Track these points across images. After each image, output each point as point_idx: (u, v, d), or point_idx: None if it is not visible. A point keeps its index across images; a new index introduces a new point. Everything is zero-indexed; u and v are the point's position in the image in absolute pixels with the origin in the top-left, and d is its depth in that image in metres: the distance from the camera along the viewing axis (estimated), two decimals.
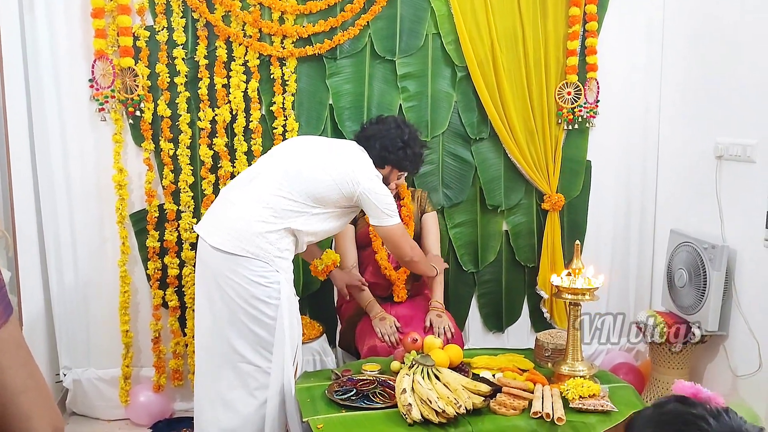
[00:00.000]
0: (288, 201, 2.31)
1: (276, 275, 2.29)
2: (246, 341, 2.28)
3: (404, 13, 3.11)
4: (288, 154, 2.46)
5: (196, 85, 2.96)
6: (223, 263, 2.27)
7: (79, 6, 2.83)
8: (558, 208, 3.35)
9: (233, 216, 2.31)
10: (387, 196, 2.43)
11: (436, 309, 2.83)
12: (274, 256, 2.29)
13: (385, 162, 2.55)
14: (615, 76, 3.35)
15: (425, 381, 2.12)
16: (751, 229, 2.77)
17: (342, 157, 2.46)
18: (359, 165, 2.45)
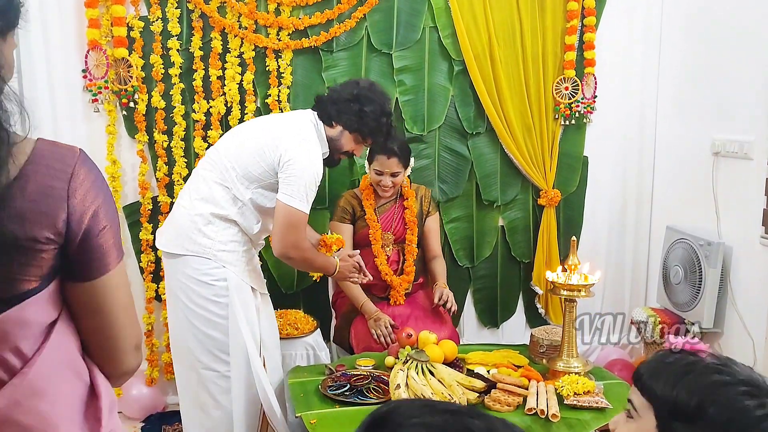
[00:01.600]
0: (221, 187, 2.20)
1: (221, 271, 2.18)
2: (202, 346, 2.20)
3: (401, 6, 3.09)
4: (225, 137, 2.38)
5: (190, 77, 2.93)
6: (170, 266, 2.23)
7: (74, 15, 2.80)
8: (554, 204, 3.34)
9: (175, 214, 2.26)
10: (309, 175, 2.17)
11: (442, 286, 2.83)
12: (217, 251, 2.18)
13: (331, 118, 2.33)
14: (612, 71, 3.34)
15: (420, 377, 2.11)
16: (747, 226, 2.77)
17: (272, 123, 2.32)
18: (288, 131, 2.24)
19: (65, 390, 0.98)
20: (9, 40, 0.97)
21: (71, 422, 0.98)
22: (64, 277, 0.97)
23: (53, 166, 0.92)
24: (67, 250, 0.94)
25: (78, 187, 0.93)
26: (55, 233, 0.91)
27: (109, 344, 1.03)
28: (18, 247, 0.89)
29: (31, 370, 0.93)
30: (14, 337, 0.92)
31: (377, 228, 2.86)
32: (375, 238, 2.85)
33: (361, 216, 2.89)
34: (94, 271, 0.97)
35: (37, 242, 0.89)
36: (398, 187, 2.88)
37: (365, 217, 2.87)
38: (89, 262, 0.96)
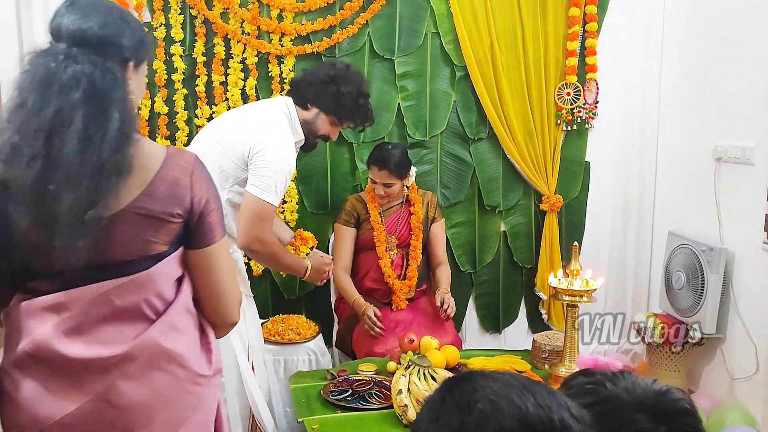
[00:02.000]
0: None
1: None
2: None
3: (403, 12, 3.10)
4: (200, 136, 2.31)
5: (193, 83, 2.95)
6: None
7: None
8: (556, 209, 3.34)
9: None
10: (280, 167, 2.11)
11: (445, 292, 2.84)
12: None
13: (307, 100, 2.28)
14: (614, 77, 3.35)
15: (421, 382, 2.11)
16: (749, 231, 2.76)
17: (241, 115, 2.26)
18: (257, 122, 2.18)
19: (190, 327, 1.32)
20: (140, 70, 1.32)
21: (194, 350, 1.33)
22: (185, 246, 1.30)
23: (180, 165, 1.26)
24: (189, 223, 1.28)
25: (196, 180, 1.27)
26: (183, 210, 1.25)
27: (216, 298, 1.36)
28: (157, 219, 1.23)
29: (171, 310, 1.28)
30: (158, 286, 1.26)
31: (381, 230, 2.86)
32: (379, 240, 2.86)
33: (366, 219, 2.90)
34: (206, 240, 1.31)
35: (171, 216, 1.24)
36: (394, 196, 2.88)
37: (370, 220, 2.88)
38: (203, 234, 1.30)
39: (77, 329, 1.20)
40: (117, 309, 1.22)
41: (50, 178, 1.13)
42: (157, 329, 1.24)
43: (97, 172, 1.14)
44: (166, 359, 1.26)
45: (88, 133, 1.13)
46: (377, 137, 3.11)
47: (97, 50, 1.19)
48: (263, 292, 3.12)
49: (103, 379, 1.20)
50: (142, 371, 1.23)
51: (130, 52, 1.26)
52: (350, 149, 3.15)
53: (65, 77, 1.14)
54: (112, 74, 1.19)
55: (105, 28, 1.21)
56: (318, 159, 3.12)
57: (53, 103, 1.13)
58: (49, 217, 1.14)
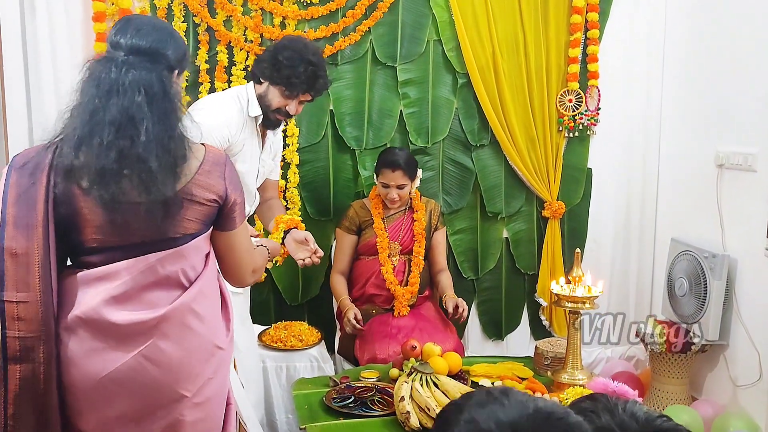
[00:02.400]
0: None
1: None
2: None
3: (405, 19, 3.11)
4: None
5: (196, 90, 2.96)
6: None
7: (81, 10, 2.83)
8: (558, 216, 3.35)
9: None
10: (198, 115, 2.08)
11: (452, 297, 2.83)
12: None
13: (257, 74, 2.31)
14: (616, 83, 3.35)
15: (424, 389, 2.11)
16: (751, 238, 2.76)
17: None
18: (203, 99, 2.33)
19: (214, 295, 1.55)
20: (181, 78, 1.55)
21: (217, 317, 1.55)
22: (214, 227, 1.53)
23: (216, 161, 1.49)
24: (222, 209, 1.50)
25: (228, 174, 1.50)
26: (219, 197, 1.48)
27: (237, 269, 1.63)
28: (199, 203, 1.45)
29: (201, 279, 1.48)
30: (191, 258, 1.47)
31: (384, 236, 2.87)
32: (382, 246, 2.87)
33: (369, 225, 2.91)
34: (231, 225, 1.55)
35: (210, 201, 1.46)
36: (406, 199, 2.89)
37: (373, 226, 2.88)
38: (230, 219, 1.53)
39: (124, 296, 1.39)
40: (160, 277, 1.42)
41: (124, 165, 1.33)
42: (190, 294, 1.45)
43: (166, 163, 1.36)
44: (197, 320, 1.46)
45: (157, 130, 1.35)
46: (380, 144, 3.12)
47: (150, 60, 1.41)
48: (265, 299, 3.13)
49: (144, 339, 1.39)
50: (176, 331, 1.42)
51: (175, 62, 1.48)
52: (352, 156, 3.16)
53: (126, 81, 1.35)
54: (166, 80, 1.42)
55: (156, 42, 1.43)
56: (320, 166, 3.13)
57: (118, 102, 1.33)
58: (117, 198, 1.34)
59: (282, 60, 2.23)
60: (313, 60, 2.28)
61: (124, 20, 1.47)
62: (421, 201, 2.98)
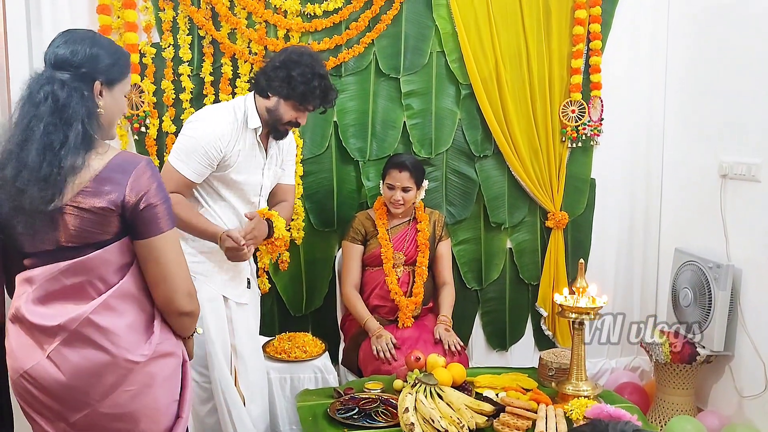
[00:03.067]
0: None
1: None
2: None
3: (409, 31, 3.13)
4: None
5: (201, 102, 2.97)
6: None
7: (87, 23, 2.85)
8: (562, 226, 3.35)
9: None
10: (191, 131, 2.23)
11: (443, 323, 2.82)
12: (189, 263, 2.17)
13: (264, 89, 2.31)
14: (619, 94, 3.36)
15: (428, 400, 2.11)
16: (756, 248, 2.76)
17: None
18: (198, 112, 2.34)
19: (129, 310, 1.50)
20: (115, 89, 1.55)
21: (131, 330, 1.50)
22: (130, 236, 1.50)
23: (122, 166, 1.46)
24: (125, 216, 1.46)
25: (135, 179, 1.45)
26: (114, 206, 1.44)
27: (160, 286, 1.52)
28: (91, 212, 1.44)
29: (110, 292, 1.47)
30: (99, 270, 1.47)
31: (389, 247, 2.87)
32: (386, 257, 2.87)
33: (373, 236, 2.91)
34: (147, 232, 1.48)
35: (102, 210, 1.44)
36: (410, 204, 2.89)
37: (377, 237, 2.89)
38: (142, 226, 1.48)
39: (40, 299, 1.48)
40: (66, 287, 1.47)
41: (19, 176, 1.40)
42: (90, 307, 1.46)
43: (54, 172, 1.39)
44: (98, 333, 1.46)
45: (49, 140, 1.39)
46: (383, 155, 3.13)
47: (69, 73, 1.45)
48: (270, 310, 3.13)
49: (51, 343, 1.46)
50: (79, 342, 1.45)
51: (99, 73, 1.49)
52: (356, 167, 3.17)
53: (39, 95, 1.42)
54: (78, 92, 1.44)
55: (74, 55, 1.47)
56: (324, 177, 3.14)
57: (27, 115, 1.41)
58: (19, 208, 1.42)
59: (296, 77, 2.24)
60: (323, 73, 2.31)
61: (60, 33, 1.53)
62: (425, 212, 2.99)
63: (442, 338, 2.75)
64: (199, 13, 2.90)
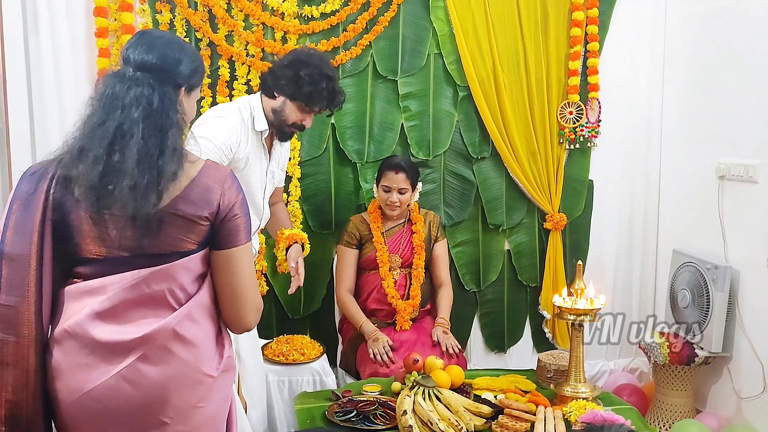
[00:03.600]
0: None
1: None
2: None
3: (406, 33, 3.13)
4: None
5: (198, 103, 2.95)
6: None
7: (84, 25, 2.85)
8: (560, 228, 3.35)
9: None
10: (204, 131, 2.14)
11: (441, 325, 2.82)
12: None
13: (271, 89, 2.27)
14: (617, 96, 3.36)
15: (426, 402, 2.10)
16: (754, 249, 2.76)
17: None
18: (205, 114, 2.28)
19: (206, 321, 1.46)
20: (193, 94, 1.53)
21: (208, 344, 1.46)
22: (210, 246, 1.46)
23: (215, 175, 1.44)
24: (214, 225, 1.43)
25: (227, 190, 1.44)
26: (210, 213, 1.42)
27: (233, 299, 1.48)
28: (188, 220, 1.40)
29: (191, 302, 1.43)
30: (180, 278, 1.42)
31: (384, 250, 2.87)
32: (382, 260, 2.86)
33: (369, 240, 2.90)
34: (228, 243, 1.45)
35: (199, 218, 1.41)
36: (405, 206, 2.89)
37: (373, 240, 2.88)
38: (226, 237, 1.45)
39: (108, 312, 1.37)
40: (145, 295, 1.39)
41: (110, 179, 1.33)
42: (175, 318, 1.40)
43: (155, 180, 1.34)
44: (181, 345, 1.40)
45: (147, 146, 1.35)
46: (381, 157, 3.13)
47: (155, 76, 1.41)
48: (267, 313, 3.12)
49: (124, 360, 1.36)
50: (158, 355, 1.38)
51: (183, 79, 1.47)
52: (354, 169, 3.17)
53: (128, 97, 1.37)
54: (167, 97, 1.41)
55: (163, 59, 1.43)
56: (322, 179, 3.14)
57: (117, 117, 1.35)
58: (101, 211, 1.35)
59: (304, 77, 2.21)
60: (331, 75, 2.28)
61: (138, 35, 1.49)
62: (419, 213, 2.98)
63: (440, 341, 2.74)
64: (196, 16, 2.90)
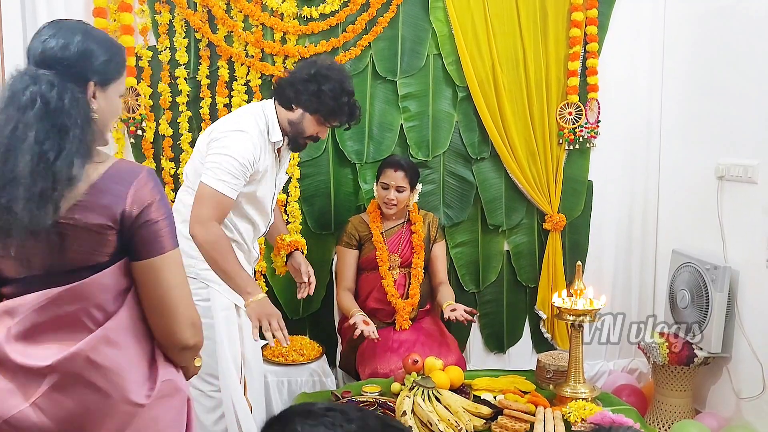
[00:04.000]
0: (191, 199, 2.13)
1: (204, 291, 2.14)
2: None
3: (405, 33, 3.13)
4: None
5: (197, 105, 2.97)
6: None
7: None
8: (559, 228, 3.35)
9: None
10: (231, 150, 2.07)
11: (449, 305, 2.79)
12: (200, 270, 2.13)
13: (290, 100, 2.22)
14: (616, 96, 3.37)
15: (426, 403, 2.10)
16: (753, 250, 2.76)
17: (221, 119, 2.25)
18: (225, 119, 2.21)
19: (131, 344, 1.29)
20: (109, 90, 1.33)
21: (132, 368, 1.29)
22: (129, 257, 1.29)
23: (122, 177, 1.26)
24: (123, 234, 1.26)
25: (136, 191, 1.25)
26: (112, 221, 1.24)
27: (161, 315, 1.31)
28: (88, 229, 1.24)
29: (109, 324, 1.26)
30: (96, 297, 1.26)
31: (384, 250, 2.87)
32: (382, 259, 2.86)
33: (368, 240, 2.91)
34: (147, 252, 1.28)
35: (100, 227, 1.24)
36: (403, 205, 2.89)
37: (372, 240, 2.88)
38: (142, 245, 1.27)
39: (24, 334, 1.25)
40: (58, 317, 1.25)
41: (3, 190, 1.19)
42: (88, 342, 1.24)
43: (50, 187, 1.18)
44: (97, 373, 1.25)
45: (41, 150, 1.19)
46: (380, 158, 3.13)
47: (57, 71, 1.24)
48: None
49: (39, 387, 1.23)
50: (71, 384, 1.24)
51: (93, 72, 1.28)
52: (353, 170, 3.17)
53: (24, 98, 1.21)
54: (70, 94, 1.23)
55: (64, 50, 1.25)
56: (321, 179, 3.14)
57: (13, 120, 1.20)
58: (5, 228, 1.20)
59: (326, 91, 2.17)
60: (351, 90, 2.26)
61: (44, 25, 1.31)
62: (419, 213, 2.99)
63: (450, 316, 2.69)
64: (195, 16, 2.90)
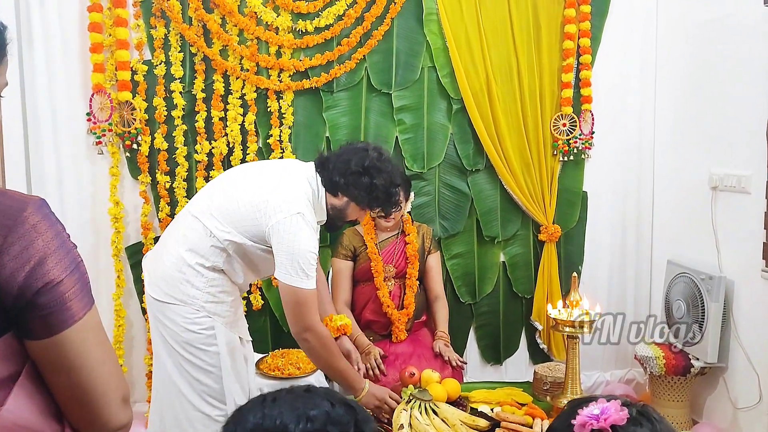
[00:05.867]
0: (208, 237, 2.07)
1: (209, 321, 2.09)
2: (192, 388, 2.11)
3: (400, 46, 3.14)
4: (219, 181, 2.25)
5: (193, 118, 2.98)
6: (158, 310, 2.13)
7: (78, 41, 2.86)
8: (555, 239, 3.35)
9: (163, 260, 2.13)
10: (300, 251, 2.00)
11: (442, 338, 2.81)
12: (204, 302, 2.09)
13: (338, 188, 2.15)
14: (610, 107, 3.39)
15: (423, 416, 2.10)
16: (748, 260, 2.77)
17: (267, 178, 2.16)
18: (279, 193, 2.07)
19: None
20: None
21: None
22: (20, 336, 0.90)
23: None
24: (6, 309, 0.86)
25: (19, 238, 0.85)
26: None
27: (82, 402, 0.95)
28: None
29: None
30: None
31: (379, 261, 2.87)
32: (377, 270, 2.86)
33: (363, 251, 2.90)
34: (49, 329, 0.90)
35: None
36: (398, 219, 2.89)
37: (367, 251, 2.88)
38: (39, 320, 0.89)
39: None
40: None
41: None
42: None
43: None
44: None
45: None
46: None
47: None
48: (262, 327, 3.12)
49: None
50: None
51: None
52: None
53: None
54: None
55: None
56: None
57: None
58: None
59: (379, 186, 2.13)
60: (399, 182, 2.24)
61: None
62: (413, 225, 2.99)
63: (442, 353, 2.72)
64: (190, 30, 2.91)
